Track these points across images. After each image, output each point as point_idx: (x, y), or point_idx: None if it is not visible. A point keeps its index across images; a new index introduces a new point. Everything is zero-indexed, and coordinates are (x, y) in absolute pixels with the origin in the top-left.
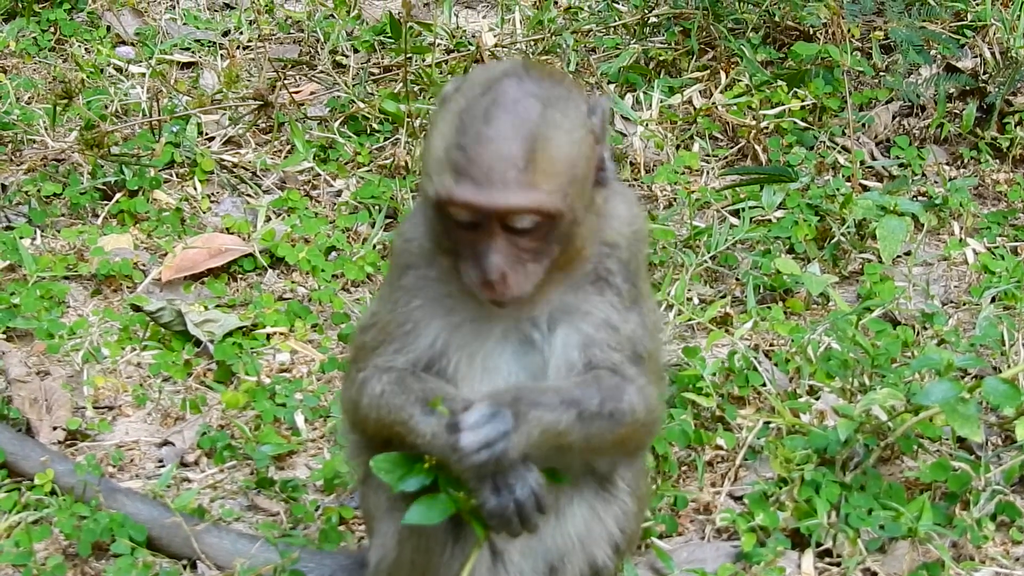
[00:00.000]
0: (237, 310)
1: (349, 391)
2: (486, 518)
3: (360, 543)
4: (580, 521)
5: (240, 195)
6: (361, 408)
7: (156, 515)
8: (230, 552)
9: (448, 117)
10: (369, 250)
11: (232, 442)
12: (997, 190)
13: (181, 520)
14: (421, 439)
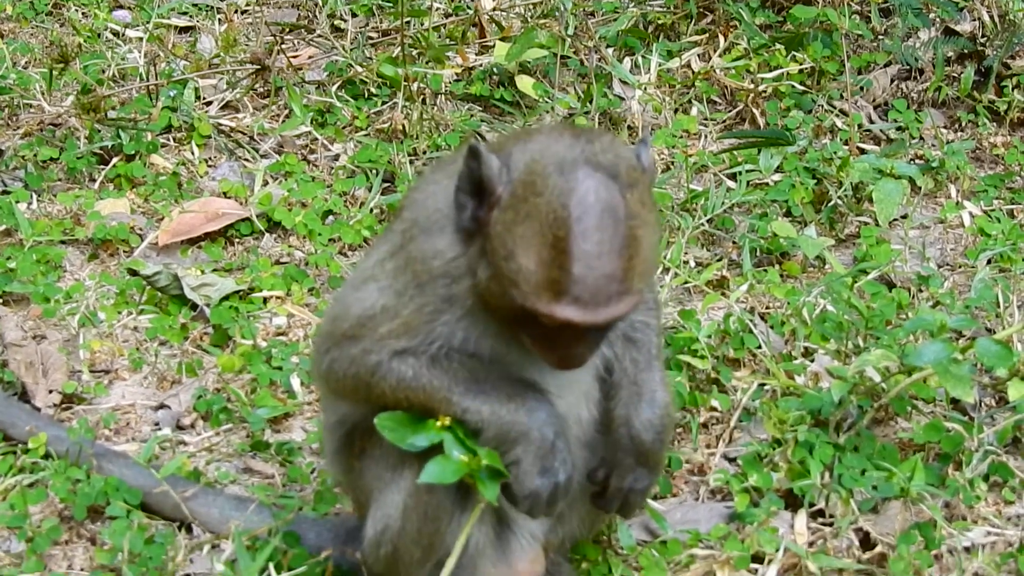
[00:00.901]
0: (234, 274)
1: (347, 367)
2: (518, 494)
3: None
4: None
5: (237, 159)
6: (375, 386)
7: (149, 480)
8: (224, 515)
9: (535, 228)
10: (366, 214)
11: (228, 405)
12: (994, 153)
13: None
14: (472, 417)
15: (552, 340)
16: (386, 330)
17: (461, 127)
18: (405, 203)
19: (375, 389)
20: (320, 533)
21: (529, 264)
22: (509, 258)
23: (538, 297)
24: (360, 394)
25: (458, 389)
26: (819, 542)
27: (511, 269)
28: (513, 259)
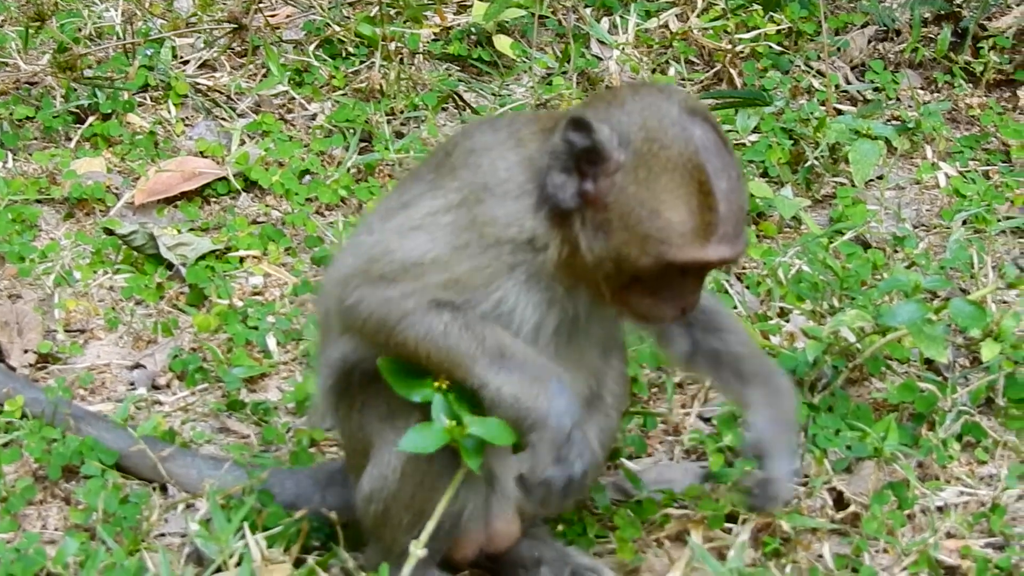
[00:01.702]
0: (210, 233)
1: (376, 307)
2: (531, 482)
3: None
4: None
5: (214, 119)
6: (399, 332)
7: (126, 440)
8: (200, 474)
9: (676, 180)
10: (343, 173)
11: (203, 365)
12: (970, 114)
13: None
14: (490, 392)
15: (673, 290)
16: (433, 281)
17: (439, 87)
18: (457, 160)
19: (398, 336)
20: (299, 483)
21: (677, 215)
22: (652, 216)
23: (690, 244)
24: (380, 337)
25: (483, 360)
26: (793, 501)
27: (656, 227)
28: (658, 216)
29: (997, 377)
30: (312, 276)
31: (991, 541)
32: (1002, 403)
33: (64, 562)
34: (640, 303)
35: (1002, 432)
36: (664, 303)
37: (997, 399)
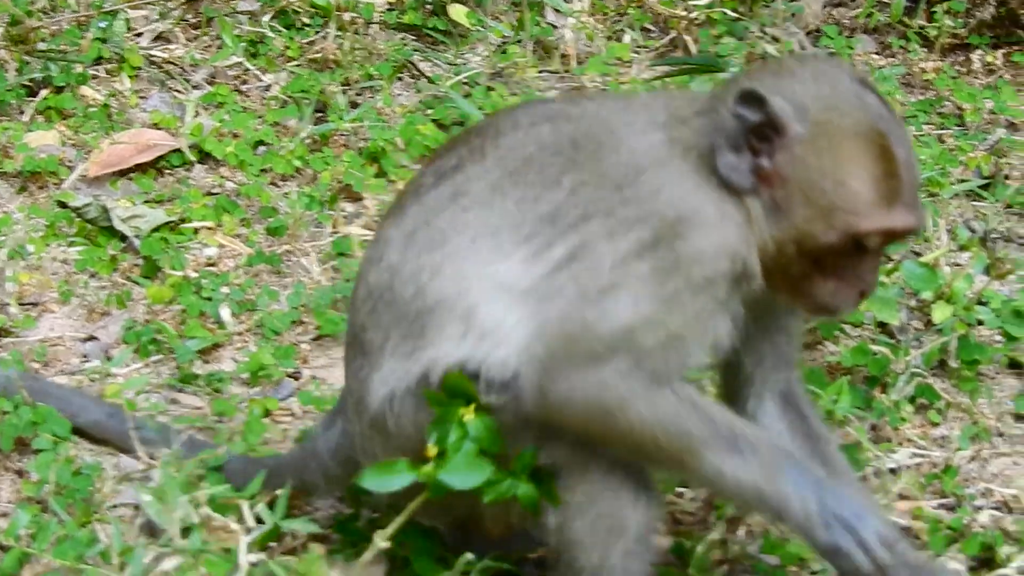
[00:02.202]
0: (164, 205)
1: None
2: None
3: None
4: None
5: (168, 91)
6: (620, 418)
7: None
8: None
9: (859, 147)
10: (298, 143)
11: (157, 337)
12: (924, 79)
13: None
14: (725, 480)
15: (853, 271)
16: (649, 345)
17: (394, 56)
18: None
19: (622, 423)
20: (246, 468)
21: (862, 184)
22: (838, 186)
23: (878, 212)
24: (596, 427)
25: (716, 445)
26: None
27: (843, 197)
28: (843, 185)
29: (950, 339)
30: (266, 246)
31: (943, 502)
32: (955, 365)
33: (16, 534)
34: (819, 290)
35: (955, 394)
36: (844, 287)
37: (950, 361)
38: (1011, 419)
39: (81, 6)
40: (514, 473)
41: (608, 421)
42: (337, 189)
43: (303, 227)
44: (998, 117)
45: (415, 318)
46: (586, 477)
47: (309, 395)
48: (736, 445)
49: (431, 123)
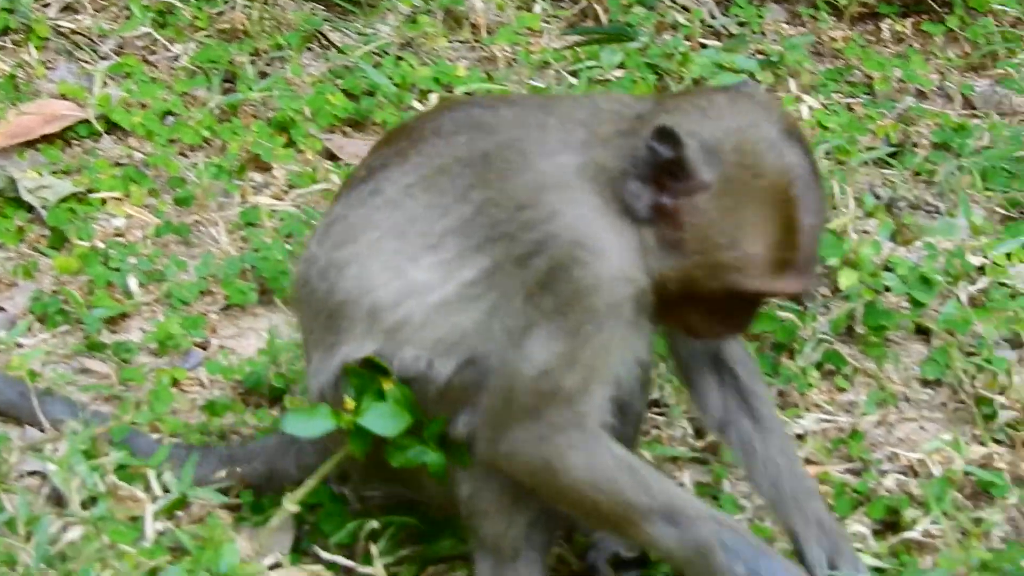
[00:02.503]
0: (72, 176)
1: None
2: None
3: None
4: None
5: (76, 61)
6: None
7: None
8: (61, 415)
9: (763, 213)
10: (207, 114)
11: (64, 307)
12: (833, 48)
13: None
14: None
15: (732, 313)
16: (570, 385)
17: (303, 26)
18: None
19: (559, 480)
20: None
21: (757, 248)
22: (731, 246)
23: (764, 277)
24: (538, 482)
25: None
26: (653, 431)
27: (734, 257)
28: (737, 246)
29: (856, 305)
30: (174, 217)
31: (850, 467)
32: (861, 331)
33: None
34: (694, 320)
35: (862, 359)
36: (716, 324)
37: (857, 327)
38: (917, 384)
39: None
40: (423, 440)
41: (550, 479)
42: (246, 159)
43: (211, 197)
44: (907, 86)
45: (329, 313)
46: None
47: (217, 365)
48: (673, 518)
49: (340, 93)
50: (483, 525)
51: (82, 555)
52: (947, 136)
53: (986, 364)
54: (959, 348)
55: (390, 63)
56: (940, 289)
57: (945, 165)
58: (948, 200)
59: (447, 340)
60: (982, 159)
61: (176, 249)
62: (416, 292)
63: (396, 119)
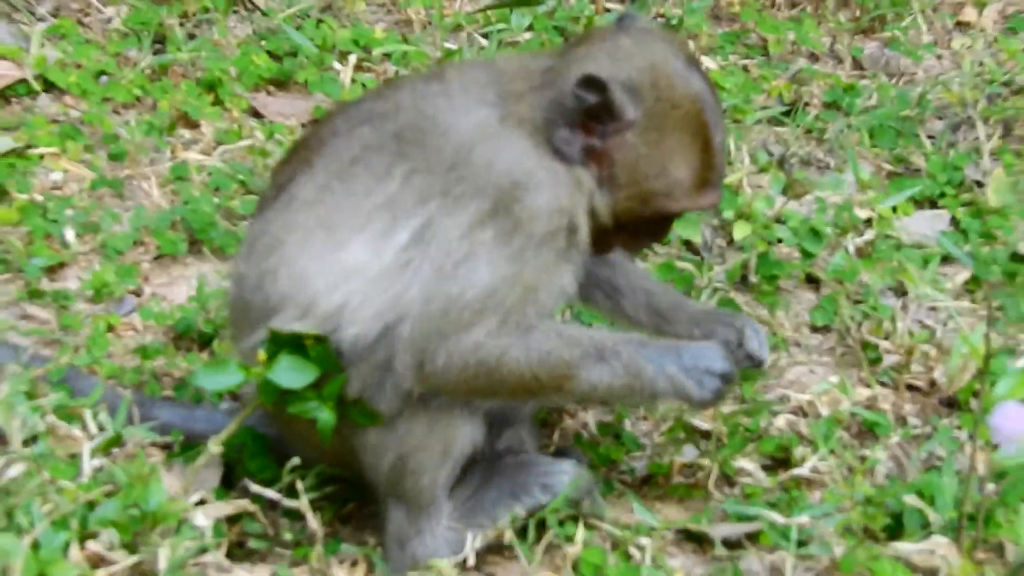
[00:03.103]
0: (11, 132)
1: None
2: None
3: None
4: None
5: (14, 23)
6: (500, 371)
7: None
8: (2, 359)
9: (684, 140)
10: (138, 74)
11: (6, 256)
12: (731, 12)
13: None
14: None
15: (653, 228)
16: (511, 302)
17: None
18: (450, 161)
19: (504, 374)
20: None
21: (683, 172)
22: (661, 174)
23: (689, 197)
24: (481, 383)
25: (587, 363)
26: None
27: (663, 183)
28: (666, 174)
29: (750, 256)
30: (108, 171)
31: (742, 407)
32: (755, 280)
33: None
34: (621, 240)
35: (755, 307)
36: (640, 239)
37: (750, 276)
38: (807, 330)
39: None
40: (321, 397)
41: (490, 376)
42: (175, 117)
43: (143, 153)
44: (799, 48)
45: (267, 320)
46: (430, 409)
47: (149, 311)
48: (602, 356)
49: (265, 54)
50: (404, 481)
51: (23, 490)
52: (837, 96)
53: (872, 311)
54: (846, 296)
55: (311, 25)
56: (829, 241)
57: (835, 124)
58: (837, 156)
59: (389, 307)
60: (870, 118)
61: (110, 202)
62: (352, 273)
63: (317, 79)
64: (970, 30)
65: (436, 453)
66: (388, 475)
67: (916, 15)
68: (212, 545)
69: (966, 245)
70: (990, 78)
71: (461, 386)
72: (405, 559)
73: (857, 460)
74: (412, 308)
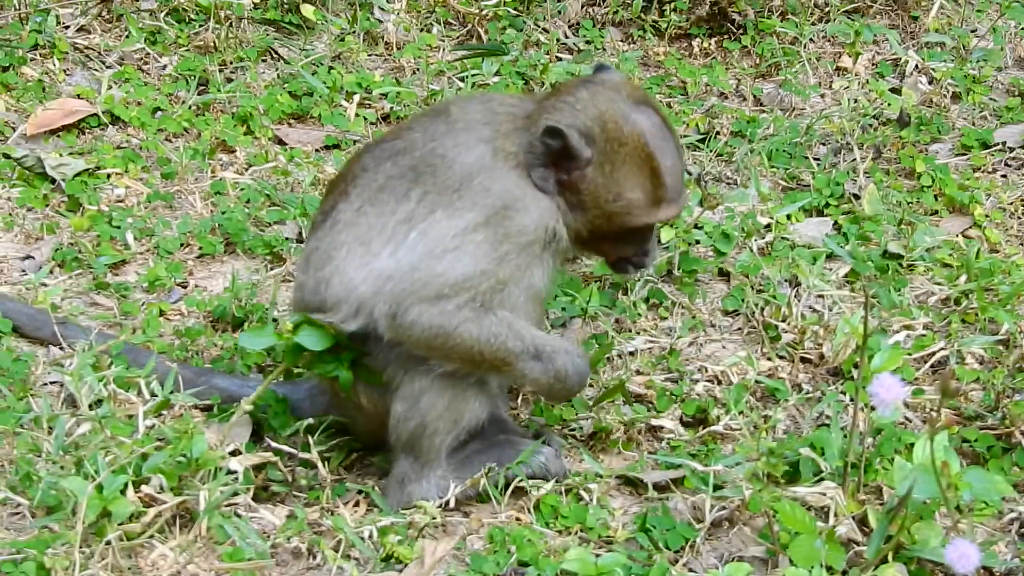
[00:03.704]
0: (84, 156)
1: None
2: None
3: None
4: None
5: (88, 69)
6: (454, 337)
7: (18, 308)
8: (77, 337)
9: (633, 169)
10: (186, 110)
11: (79, 255)
12: (657, 60)
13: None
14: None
15: (636, 242)
16: (484, 287)
17: (258, 44)
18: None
19: (456, 340)
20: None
21: (636, 195)
22: (617, 199)
23: (645, 213)
24: (437, 343)
25: (524, 357)
26: None
27: (622, 205)
28: (622, 197)
29: (674, 254)
30: (161, 188)
31: (669, 376)
32: (678, 274)
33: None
34: (608, 249)
35: (678, 296)
36: (631, 251)
37: (674, 271)
38: (720, 314)
39: (21, 5)
40: (340, 360)
41: (446, 341)
42: (215, 144)
43: (189, 173)
44: (712, 88)
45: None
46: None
47: (193, 299)
48: (538, 355)
49: (287, 94)
50: (411, 433)
51: (90, 445)
52: (742, 127)
53: (772, 299)
54: (751, 287)
55: (324, 72)
56: (737, 242)
57: (740, 148)
58: (743, 175)
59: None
60: (768, 144)
61: (163, 212)
62: (387, 278)
63: (328, 113)
64: (847, 74)
65: (450, 422)
66: (409, 436)
67: (804, 62)
68: (242, 489)
69: (846, 245)
70: (863, 112)
71: (422, 343)
72: (403, 497)
73: (761, 419)
74: (400, 270)
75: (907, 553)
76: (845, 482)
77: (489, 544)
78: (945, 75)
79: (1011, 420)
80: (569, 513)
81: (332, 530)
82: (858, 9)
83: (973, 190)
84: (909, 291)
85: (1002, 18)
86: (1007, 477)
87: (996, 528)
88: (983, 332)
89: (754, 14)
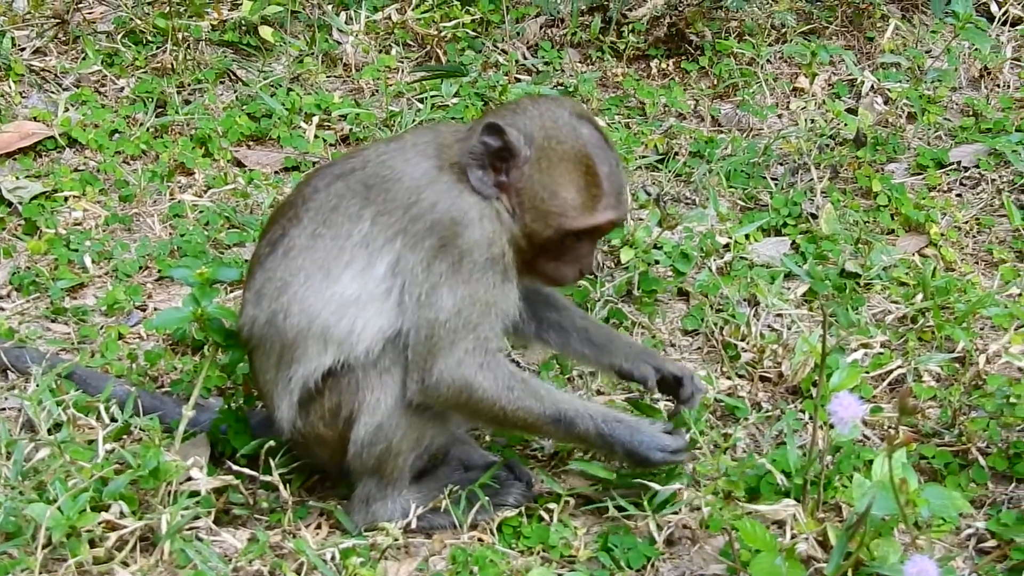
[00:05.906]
0: (41, 179)
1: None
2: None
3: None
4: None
5: (44, 92)
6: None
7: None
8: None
9: (568, 167)
10: (144, 132)
11: (35, 279)
12: (616, 81)
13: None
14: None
15: (573, 255)
16: (475, 317)
17: (217, 66)
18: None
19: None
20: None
21: (571, 194)
22: (552, 197)
23: (583, 214)
24: (461, 402)
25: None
26: None
27: (556, 204)
28: (556, 196)
29: (633, 275)
30: (119, 210)
31: (629, 395)
32: (638, 294)
33: None
34: (548, 268)
35: (637, 315)
36: (566, 266)
37: (634, 291)
38: (680, 334)
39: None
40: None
41: (468, 396)
42: (174, 166)
43: (148, 195)
44: (670, 109)
45: (282, 352)
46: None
47: (151, 323)
48: (557, 419)
49: (245, 116)
50: (387, 462)
51: (49, 469)
52: (700, 147)
53: (731, 318)
54: (710, 306)
55: (282, 93)
56: (696, 262)
57: (699, 169)
58: (701, 195)
59: (389, 325)
60: (726, 164)
61: (121, 235)
62: (350, 303)
63: (287, 135)
64: (804, 95)
65: (413, 441)
66: (375, 459)
67: (761, 83)
68: (204, 512)
69: (804, 264)
70: (820, 132)
71: (451, 402)
72: (367, 516)
73: (721, 438)
74: (409, 337)
75: (867, 570)
76: (805, 499)
77: (451, 565)
78: (900, 95)
79: (968, 437)
80: (531, 533)
81: (294, 553)
82: (814, 30)
83: (929, 209)
84: (866, 310)
85: (956, 39)
86: (964, 493)
87: (954, 544)
88: (940, 350)
89: (711, 35)
